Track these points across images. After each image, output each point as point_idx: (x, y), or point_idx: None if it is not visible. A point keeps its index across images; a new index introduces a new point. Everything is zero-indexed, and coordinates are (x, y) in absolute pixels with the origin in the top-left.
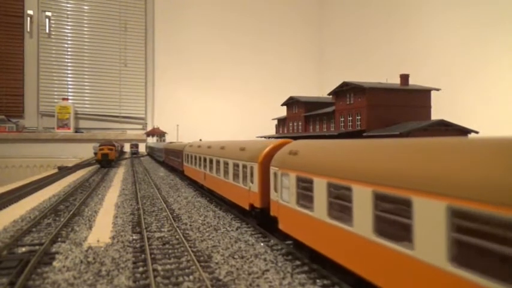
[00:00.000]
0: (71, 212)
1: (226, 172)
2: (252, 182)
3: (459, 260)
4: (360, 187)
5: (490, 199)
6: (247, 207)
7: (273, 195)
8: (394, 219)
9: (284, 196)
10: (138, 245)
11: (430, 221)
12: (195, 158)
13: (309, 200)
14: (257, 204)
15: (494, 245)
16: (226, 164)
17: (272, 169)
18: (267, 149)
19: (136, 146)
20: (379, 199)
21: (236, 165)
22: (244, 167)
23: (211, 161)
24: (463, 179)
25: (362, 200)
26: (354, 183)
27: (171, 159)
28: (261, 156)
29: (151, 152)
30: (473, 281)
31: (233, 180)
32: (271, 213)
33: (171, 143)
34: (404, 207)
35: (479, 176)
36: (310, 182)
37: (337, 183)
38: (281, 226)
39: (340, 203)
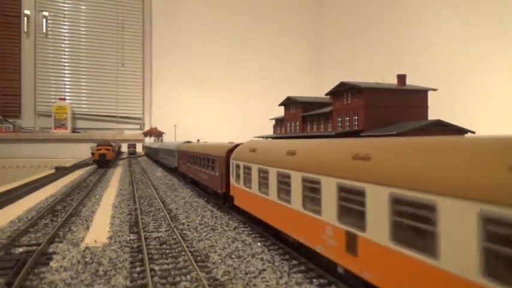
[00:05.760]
0: (68, 213)
1: None
2: None
3: None
4: None
5: None
6: None
7: None
8: None
9: None
10: (135, 245)
11: None
12: (285, 181)
13: None
14: None
15: None
16: None
17: None
18: None
19: (134, 146)
20: None
21: None
22: None
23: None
24: None
25: None
26: None
27: (192, 170)
28: None
29: (153, 154)
30: None
31: None
32: None
33: (187, 142)
34: None
35: None
36: None
37: None
38: None
39: None
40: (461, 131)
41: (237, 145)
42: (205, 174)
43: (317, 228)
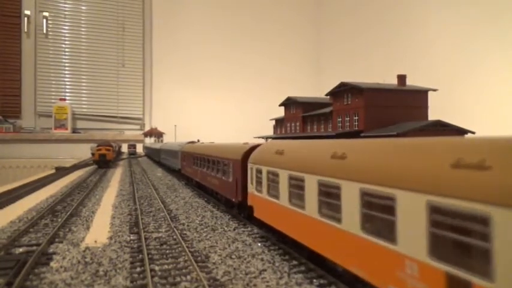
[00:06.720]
0: (69, 213)
1: None
2: None
3: None
4: None
5: None
6: None
7: None
8: None
9: None
10: (135, 246)
11: None
12: (330, 192)
13: None
14: None
15: None
16: None
17: None
18: None
19: (134, 146)
20: None
21: None
22: None
23: None
24: None
25: None
26: None
27: (199, 173)
28: None
29: (154, 155)
30: None
31: None
32: None
33: (190, 142)
34: None
35: None
36: None
37: None
38: None
39: None
40: (461, 131)
41: (255, 146)
42: (216, 179)
43: (389, 262)
